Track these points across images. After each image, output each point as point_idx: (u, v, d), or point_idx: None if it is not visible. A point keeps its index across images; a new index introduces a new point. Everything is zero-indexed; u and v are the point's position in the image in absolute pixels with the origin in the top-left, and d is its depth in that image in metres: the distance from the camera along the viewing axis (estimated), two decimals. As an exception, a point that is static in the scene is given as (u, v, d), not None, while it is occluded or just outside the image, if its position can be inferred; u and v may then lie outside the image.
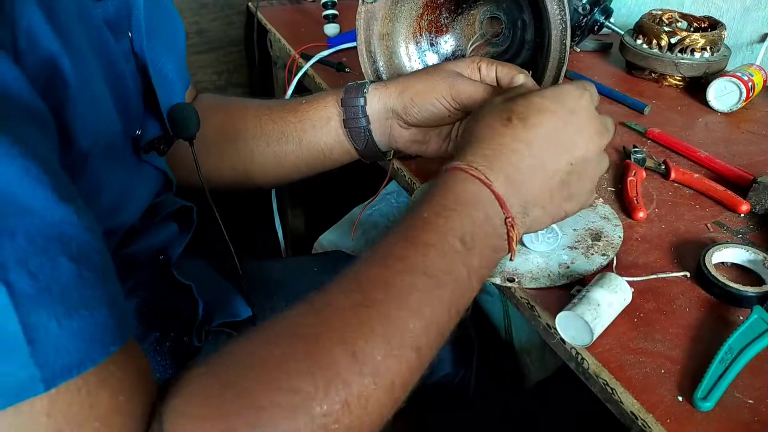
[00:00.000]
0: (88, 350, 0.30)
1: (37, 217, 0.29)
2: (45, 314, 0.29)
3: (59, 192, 0.30)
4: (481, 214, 0.43)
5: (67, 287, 0.30)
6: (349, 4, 1.19)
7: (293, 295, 0.78)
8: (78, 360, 0.30)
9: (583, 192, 0.48)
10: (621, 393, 0.43)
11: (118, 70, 0.45)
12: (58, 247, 0.30)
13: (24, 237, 0.28)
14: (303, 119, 0.64)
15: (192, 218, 0.62)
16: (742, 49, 1.01)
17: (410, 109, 0.59)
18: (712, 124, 0.83)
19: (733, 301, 0.51)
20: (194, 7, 1.35)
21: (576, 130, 0.46)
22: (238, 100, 0.70)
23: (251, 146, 0.64)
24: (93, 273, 0.31)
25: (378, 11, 0.74)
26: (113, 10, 0.46)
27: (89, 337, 0.30)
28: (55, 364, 0.29)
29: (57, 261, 0.29)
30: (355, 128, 0.62)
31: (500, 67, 0.59)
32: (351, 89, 0.61)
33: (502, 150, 0.45)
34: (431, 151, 0.64)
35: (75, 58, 0.37)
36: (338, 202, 1.26)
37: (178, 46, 0.59)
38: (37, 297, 0.28)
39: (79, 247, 0.31)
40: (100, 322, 0.31)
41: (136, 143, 0.50)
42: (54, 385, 0.29)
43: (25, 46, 0.33)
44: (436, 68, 0.59)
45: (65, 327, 0.29)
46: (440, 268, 0.40)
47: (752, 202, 0.63)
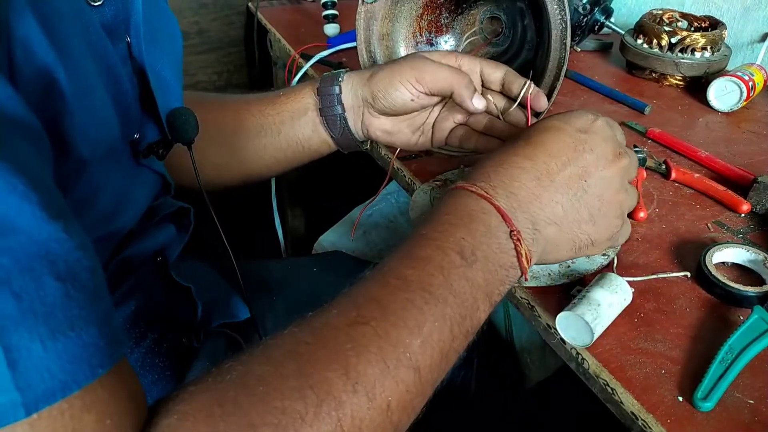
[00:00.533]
0: (74, 372, 0.29)
1: (23, 235, 0.28)
2: (28, 336, 0.27)
3: (48, 209, 0.29)
4: (482, 227, 0.41)
5: (53, 307, 0.29)
6: (349, 4, 1.19)
7: (293, 296, 0.78)
8: (62, 383, 0.28)
9: (608, 217, 0.46)
10: (621, 393, 0.43)
11: (116, 75, 0.45)
12: (44, 266, 0.28)
13: (8, 256, 0.27)
14: (281, 111, 0.64)
15: (189, 219, 0.62)
16: (743, 48, 1.00)
17: (377, 95, 0.59)
18: (713, 123, 0.83)
19: (733, 301, 0.51)
20: (194, 7, 1.35)
21: (587, 148, 0.45)
22: (216, 96, 0.70)
23: (232, 141, 0.65)
24: (81, 292, 0.30)
25: (378, 11, 0.74)
26: (111, 15, 0.45)
27: (75, 359, 0.29)
28: (38, 388, 0.28)
29: (42, 280, 0.28)
30: (330, 116, 0.62)
31: (485, 63, 0.59)
32: (327, 78, 0.62)
33: (505, 167, 0.44)
34: (400, 142, 0.64)
35: (72, 65, 0.37)
36: (338, 203, 1.26)
37: (176, 50, 0.59)
38: (20, 318, 0.27)
39: (67, 266, 0.29)
40: (88, 342, 0.30)
41: (134, 147, 0.50)
42: (35, 410, 0.27)
43: (21, 56, 0.33)
44: (407, 55, 0.60)
45: (50, 349, 0.28)
46: (438, 283, 0.39)
47: (753, 201, 0.63)
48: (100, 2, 0.44)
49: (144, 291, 0.55)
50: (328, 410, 0.33)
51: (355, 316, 0.37)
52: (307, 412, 0.32)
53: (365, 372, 0.34)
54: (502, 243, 0.42)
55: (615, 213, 0.46)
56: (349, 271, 0.78)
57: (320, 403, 0.33)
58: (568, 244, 0.45)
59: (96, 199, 0.44)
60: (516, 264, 0.42)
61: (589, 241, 0.46)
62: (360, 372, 0.34)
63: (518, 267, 0.43)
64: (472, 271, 0.40)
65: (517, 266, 0.43)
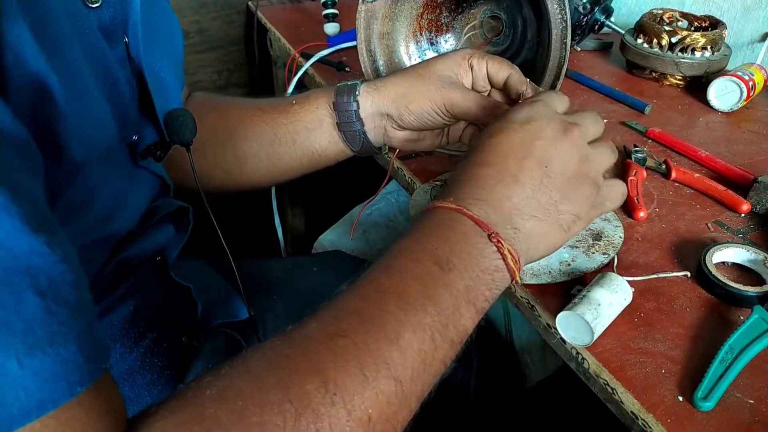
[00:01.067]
0: (51, 390, 0.28)
1: (2, 249, 0.27)
2: (3, 353, 0.27)
3: (30, 222, 0.28)
4: (455, 235, 0.42)
5: (32, 323, 0.28)
6: (349, 3, 1.18)
7: (293, 295, 0.78)
8: (38, 402, 0.27)
9: (580, 189, 0.46)
10: (621, 393, 0.43)
11: (112, 77, 0.44)
12: (24, 281, 0.28)
13: None
14: (295, 121, 0.63)
15: (189, 219, 0.62)
16: (743, 48, 1.00)
17: (405, 116, 0.59)
18: (713, 123, 0.83)
19: (733, 300, 0.51)
20: (194, 6, 1.35)
21: (534, 136, 0.45)
22: (230, 100, 0.69)
23: (244, 148, 0.64)
24: (63, 307, 0.29)
25: (378, 10, 0.74)
26: (108, 17, 0.45)
27: (53, 376, 0.28)
28: (12, 407, 0.27)
29: (21, 295, 0.27)
30: (350, 132, 0.62)
31: (491, 63, 0.58)
32: (342, 92, 0.61)
33: (470, 179, 0.45)
34: (426, 146, 0.64)
35: (66, 69, 0.37)
36: (338, 202, 1.26)
37: (176, 49, 0.59)
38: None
39: (49, 280, 0.29)
40: (67, 359, 0.29)
41: (132, 149, 0.50)
42: (8, 431, 0.27)
43: (12, 62, 0.32)
44: (430, 71, 0.58)
45: (26, 366, 0.27)
46: (416, 293, 0.38)
47: (753, 201, 0.63)
48: (98, 4, 0.44)
49: (143, 291, 0.55)
50: (307, 423, 0.32)
51: (334, 329, 0.37)
52: (286, 426, 0.32)
53: (344, 384, 0.34)
54: (481, 247, 0.42)
55: (586, 182, 0.46)
56: (349, 270, 0.78)
57: (299, 417, 0.32)
58: (554, 229, 0.45)
59: (93, 202, 0.44)
60: (502, 266, 0.42)
61: (573, 218, 0.46)
62: (339, 384, 0.34)
63: (506, 269, 0.42)
64: (449, 278, 0.40)
65: (504, 268, 0.42)
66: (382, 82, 0.60)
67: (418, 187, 0.66)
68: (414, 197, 0.64)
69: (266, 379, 0.34)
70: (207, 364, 0.61)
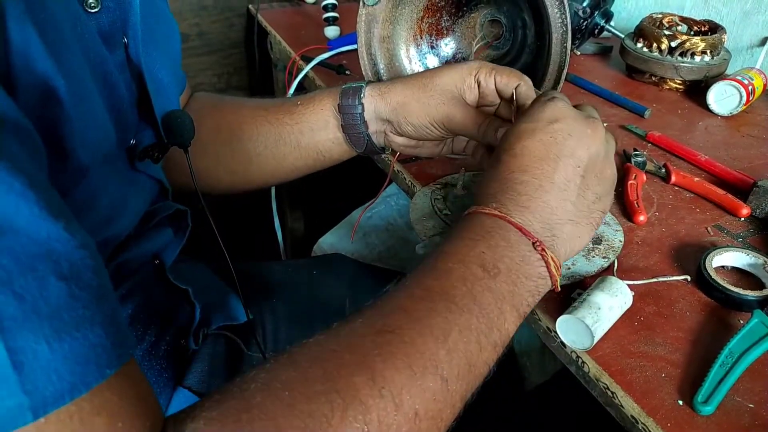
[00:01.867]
0: (82, 374, 0.28)
1: (23, 235, 0.27)
2: (33, 337, 0.27)
3: (48, 208, 0.28)
4: (502, 242, 0.42)
5: (57, 308, 0.28)
6: (349, 6, 1.19)
7: (293, 298, 0.78)
8: (70, 385, 0.28)
9: (608, 186, 0.48)
10: (621, 397, 0.43)
11: (111, 82, 0.44)
12: (46, 266, 0.28)
13: (8, 256, 0.27)
14: (300, 122, 0.63)
15: (187, 222, 0.62)
16: (742, 52, 1.01)
17: (404, 126, 0.59)
18: (713, 127, 0.83)
19: (733, 304, 0.51)
20: (195, 9, 1.35)
21: (565, 135, 0.45)
22: (233, 100, 0.69)
23: (248, 148, 0.64)
24: (86, 292, 0.29)
25: (379, 14, 0.74)
26: (107, 22, 0.45)
27: (82, 359, 0.28)
28: (45, 390, 0.27)
29: (45, 281, 0.28)
30: (354, 134, 0.62)
31: (499, 76, 0.56)
32: (347, 94, 0.61)
33: (508, 185, 0.45)
34: (425, 153, 0.65)
35: (69, 73, 0.37)
36: (338, 205, 1.26)
37: (174, 51, 0.59)
38: (23, 319, 0.27)
39: (70, 266, 0.29)
40: (95, 343, 0.29)
41: (130, 153, 0.50)
42: (43, 414, 0.27)
43: (19, 64, 0.32)
44: (433, 83, 0.57)
45: (56, 350, 0.27)
46: (462, 294, 0.39)
47: (753, 205, 0.63)
48: (97, 9, 0.44)
49: (142, 293, 0.55)
50: (355, 414, 0.32)
51: (381, 325, 0.37)
52: (334, 416, 0.32)
53: (392, 378, 0.34)
54: (526, 255, 0.42)
55: (610, 177, 0.48)
56: (348, 273, 0.78)
57: (347, 407, 0.33)
58: (587, 230, 0.47)
59: (93, 205, 0.44)
60: (545, 273, 0.43)
61: (601, 215, 0.48)
62: (387, 378, 0.34)
63: (548, 276, 0.43)
64: (495, 282, 0.40)
65: (546, 275, 0.43)
66: (387, 87, 0.60)
67: (419, 190, 0.66)
68: (414, 201, 0.64)
69: (313, 371, 0.34)
70: (206, 366, 0.61)
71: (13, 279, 0.27)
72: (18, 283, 0.27)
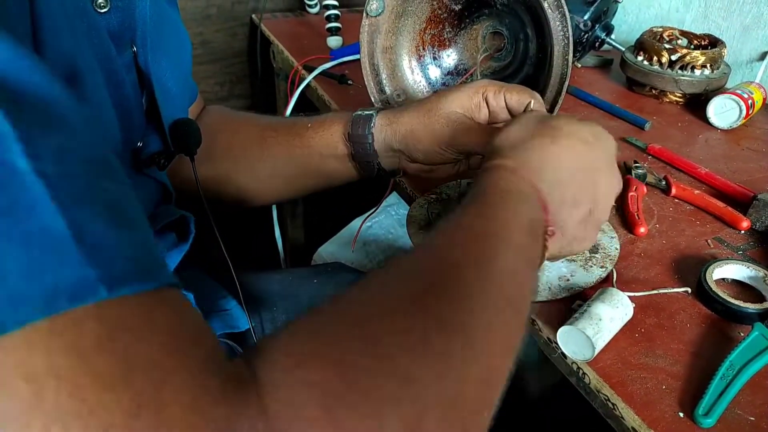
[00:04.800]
0: (149, 266, 0.26)
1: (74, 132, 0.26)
2: (91, 218, 0.25)
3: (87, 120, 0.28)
4: (536, 214, 0.42)
5: (112, 203, 0.27)
6: (352, 16, 1.20)
7: (293, 307, 0.78)
8: (138, 272, 0.26)
9: (592, 237, 0.48)
10: (622, 408, 0.43)
11: (119, 81, 0.45)
12: (96, 166, 0.27)
13: (58, 140, 0.25)
14: (310, 146, 0.63)
15: (190, 228, 0.62)
16: (742, 66, 1.01)
17: (414, 154, 0.59)
18: (713, 140, 0.84)
19: (733, 317, 0.51)
20: (198, 18, 1.36)
21: (607, 171, 0.46)
22: (245, 117, 0.70)
23: (258, 168, 0.65)
24: (135, 207, 0.28)
25: (381, 25, 0.75)
26: (117, 22, 0.46)
27: (145, 255, 0.27)
28: (113, 267, 0.25)
29: (97, 178, 0.27)
30: (364, 162, 0.62)
31: (509, 94, 0.56)
32: (357, 123, 0.60)
33: (548, 167, 0.44)
34: (440, 176, 0.64)
35: (86, 60, 0.37)
36: (338, 214, 1.26)
37: (184, 62, 0.59)
38: (80, 199, 0.25)
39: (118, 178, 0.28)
40: (152, 249, 0.27)
41: (136, 155, 0.50)
42: (116, 292, 0.24)
43: (49, 41, 0.32)
44: (439, 107, 0.57)
45: (115, 236, 0.26)
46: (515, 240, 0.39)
47: (752, 218, 0.63)
48: (106, 9, 0.44)
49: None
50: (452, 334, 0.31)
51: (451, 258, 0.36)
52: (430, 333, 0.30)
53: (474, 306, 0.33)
54: (539, 234, 0.43)
55: (596, 234, 0.48)
56: (349, 282, 0.78)
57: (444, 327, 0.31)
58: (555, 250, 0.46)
59: None
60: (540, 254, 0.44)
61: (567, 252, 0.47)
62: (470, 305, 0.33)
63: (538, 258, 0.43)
64: (536, 245, 0.42)
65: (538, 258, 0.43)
66: (396, 116, 0.60)
67: (415, 201, 0.66)
68: (410, 212, 0.64)
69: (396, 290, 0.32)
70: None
71: (65, 162, 0.25)
72: (71, 165, 0.26)
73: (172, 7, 0.57)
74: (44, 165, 0.24)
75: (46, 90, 0.27)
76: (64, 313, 0.23)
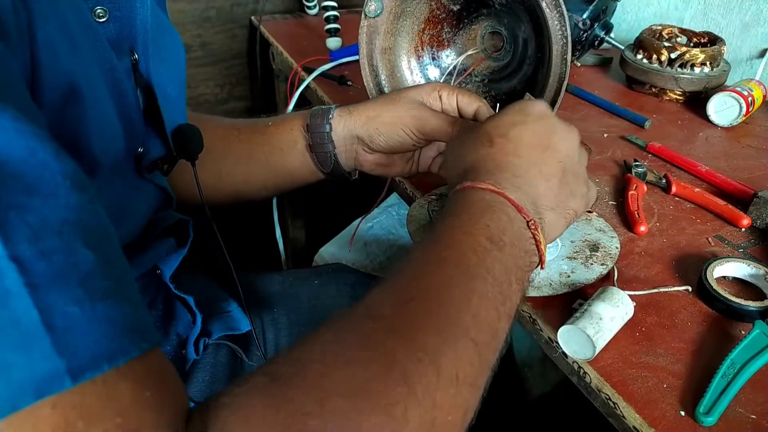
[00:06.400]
0: (120, 340, 0.27)
1: (51, 197, 0.26)
2: (63, 299, 0.25)
3: (73, 178, 0.27)
4: (504, 216, 0.43)
5: (87, 275, 0.26)
6: (351, 17, 1.20)
7: (294, 308, 0.78)
8: (108, 352, 0.26)
9: (581, 188, 0.49)
10: (623, 407, 0.43)
11: (121, 89, 0.45)
12: (76, 233, 0.26)
13: (35, 216, 0.25)
14: (270, 142, 0.65)
15: (188, 232, 0.62)
16: (742, 64, 1.01)
17: (376, 138, 0.61)
18: (713, 138, 0.84)
19: (734, 315, 0.51)
20: (197, 20, 1.36)
21: (549, 132, 0.48)
22: (208, 119, 0.71)
23: (220, 166, 0.66)
24: (114, 268, 0.28)
25: (380, 26, 0.75)
26: (115, 31, 0.46)
27: (117, 328, 0.27)
28: (82, 354, 0.25)
29: (74, 246, 0.26)
30: (321, 153, 0.64)
31: (461, 96, 0.60)
32: (316, 115, 0.63)
33: (498, 165, 0.46)
34: (395, 172, 0.67)
35: (87, 74, 0.37)
36: (339, 214, 1.26)
37: (180, 67, 0.59)
38: (53, 279, 0.25)
39: (99, 238, 0.28)
40: (128, 314, 0.28)
41: (138, 161, 0.50)
42: (81, 379, 0.25)
43: (47, 60, 0.33)
44: (400, 97, 0.61)
45: (88, 314, 0.26)
46: (474, 263, 0.39)
47: (753, 216, 0.63)
48: (105, 19, 0.44)
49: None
50: (396, 379, 0.31)
51: (402, 295, 0.36)
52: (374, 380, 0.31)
53: (426, 342, 0.33)
54: (522, 231, 0.44)
55: (582, 181, 0.50)
56: (350, 283, 0.78)
57: (387, 372, 0.31)
58: (561, 223, 0.48)
59: None
60: (535, 252, 0.44)
61: (573, 214, 0.49)
62: (420, 343, 0.33)
63: (537, 254, 0.44)
64: (502, 254, 0.41)
65: (536, 253, 0.44)
66: (355, 106, 0.63)
67: (415, 201, 0.67)
68: (411, 212, 0.64)
69: (342, 343, 0.33)
70: (207, 376, 0.60)
71: (40, 238, 0.25)
72: (46, 243, 0.25)
73: (163, 11, 0.57)
74: (18, 248, 0.25)
75: (29, 156, 0.26)
76: (24, 408, 0.24)
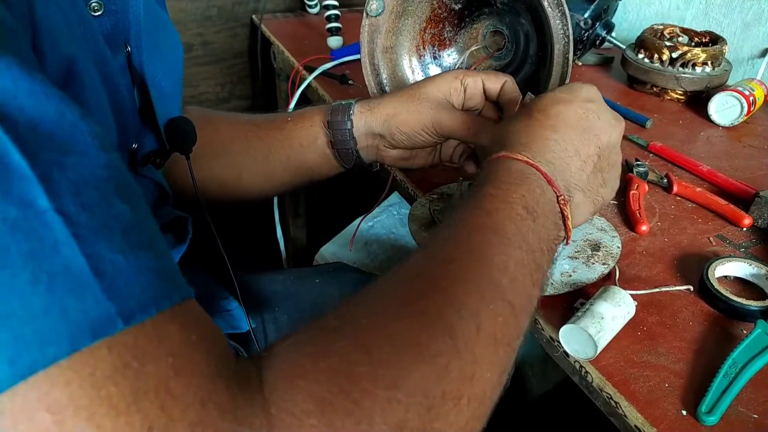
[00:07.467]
0: (163, 287, 0.28)
1: (84, 156, 0.27)
2: (108, 248, 0.26)
3: (99, 138, 0.29)
4: (537, 189, 0.43)
5: (127, 227, 0.28)
6: (352, 16, 1.20)
7: (296, 307, 0.78)
8: (153, 297, 0.27)
9: (614, 178, 0.50)
10: (625, 407, 0.43)
11: (114, 83, 0.45)
12: (110, 189, 0.28)
13: (73, 172, 0.26)
14: (290, 137, 0.65)
15: (187, 229, 0.62)
16: (743, 63, 1.01)
17: (396, 136, 0.61)
18: (714, 138, 0.84)
19: (736, 315, 0.51)
20: (199, 19, 1.36)
21: (595, 116, 0.48)
22: (225, 115, 0.71)
23: (239, 162, 0.65)
24: (148, 221, 0.29)
25: (382, 25, 0.75)
26: (110, 25, 0.46)
27: (159, 276, 0.28)
28: (130, 298, 0.26)
29: (112, 200, 0.27)
30: (343, 150, 0.64)
31: (486, 78, 0.60)
32: (337, 111, 0.63)
33: (535, 138, 0.46)
34: (418, 164, 0.67)
35: (85, 61, 0.37)
36: (340, 214, 1.26)
37: (177, 62, 0.59)
38: (97, 230, 0.26)
39: (130, 194, 0.29)
40: (165, 265, 0.29)
41: (132, 157, 0.50)
42: (132, 321, 0.26)
43: (46, 39, 0.33)
44: (420, 93, 0.60)
45: (132, 263, 0.27)
46: (512, 231, 0.39)
47: (754, 216, 0.63)
48: (100, 12, 0.44)
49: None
50: (441, 332, 0.32)
51: (443, 256, 0.37)
52: (421, 334, 0.32)
53: (466, 301, 0.34)
54: (553, 204, 0.44)
55: (618, 173, 0.51)
56: (351, 282, 0.78)
57: (433, 326, 0.32)
58: (589, 207, 0.48)
59: None
60: (562, 227, 0.45)
61: (602, 202, 0.49)
62: (461, 300, 0.34)
63: (564, 230, 0.45)
64: (536, 225, 0.41)
65: (563, 228, 0.45)
66: (375, 102, 0.62)
67: (417, 200, 0.67)
68: (412, 211, 0.64)
69: (387, 300, 0.34)
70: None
71: (81, 192, 0.26)
72: (86, 197, 0.27)
73: (162, 7, 0.57)
74: (63, 202, 0.26)
75: (59, 117, 0.28)
76: (83, 349, 0.25)
